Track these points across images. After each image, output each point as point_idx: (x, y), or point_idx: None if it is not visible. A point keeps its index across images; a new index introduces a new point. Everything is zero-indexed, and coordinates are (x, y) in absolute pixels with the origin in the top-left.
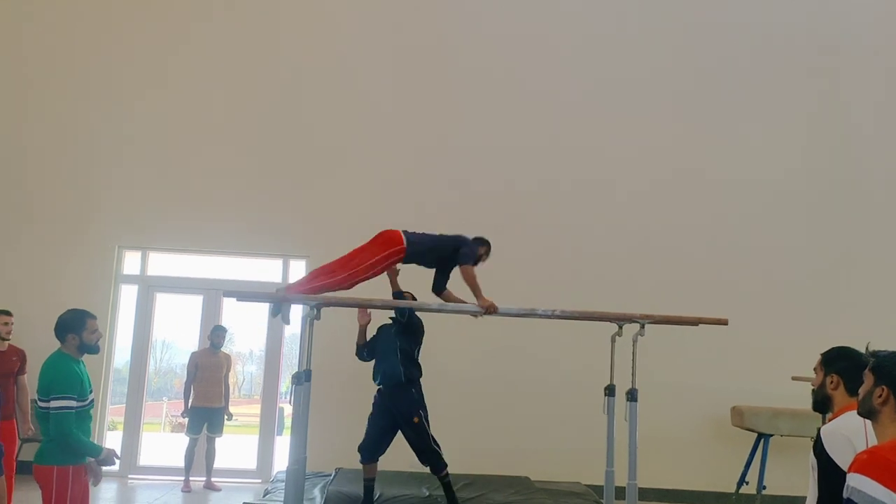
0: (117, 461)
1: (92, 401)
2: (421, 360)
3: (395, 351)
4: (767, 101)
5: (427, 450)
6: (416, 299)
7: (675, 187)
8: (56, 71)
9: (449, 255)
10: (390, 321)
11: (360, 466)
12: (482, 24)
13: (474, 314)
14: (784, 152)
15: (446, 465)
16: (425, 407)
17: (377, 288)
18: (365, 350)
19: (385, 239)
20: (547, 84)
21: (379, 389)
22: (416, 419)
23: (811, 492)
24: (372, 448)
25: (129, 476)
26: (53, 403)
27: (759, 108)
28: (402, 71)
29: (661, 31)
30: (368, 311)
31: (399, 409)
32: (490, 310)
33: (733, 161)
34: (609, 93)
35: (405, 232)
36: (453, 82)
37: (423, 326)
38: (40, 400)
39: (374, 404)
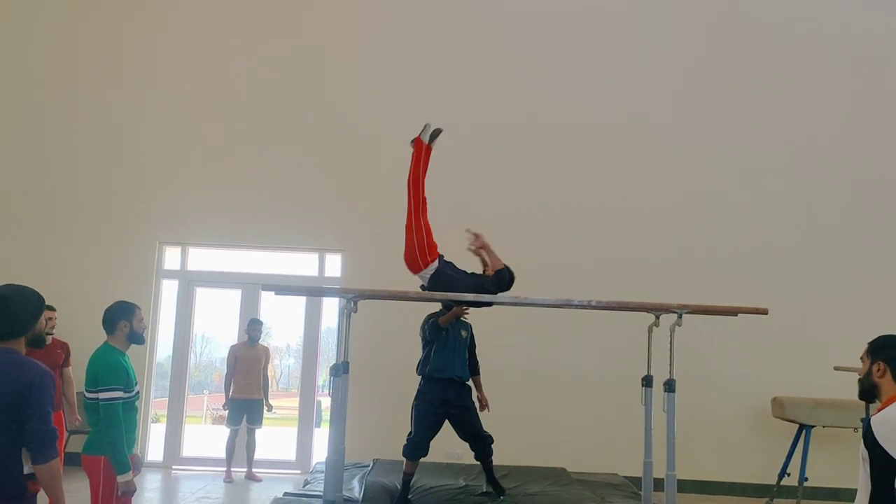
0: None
1: (137, 392)
2: None
3: (465, 352)
4: (811, 81)
5: (480, 433)
6: None
7: (714, 174)
8: (100, 69)
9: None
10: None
11: (398, 458)
12: (512, 5)
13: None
14: (825, 136)
15: (492, 452)
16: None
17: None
18: (441, 332)
19: (424, 246)
20: (579, 59)
21: (430, 380)
22: (469, 406)
23: (862, 485)
24: (424, 447)
25: (173, 467)
26: (102, 395)
27: (804, 88)
28: (438, 61)
29: (700, 6)
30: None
31: (457, 402)
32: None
33: (771, 145)
34: (649, 67)
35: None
36: (489, 70)
37: None
38: (88, 391)
39: (425, 398)
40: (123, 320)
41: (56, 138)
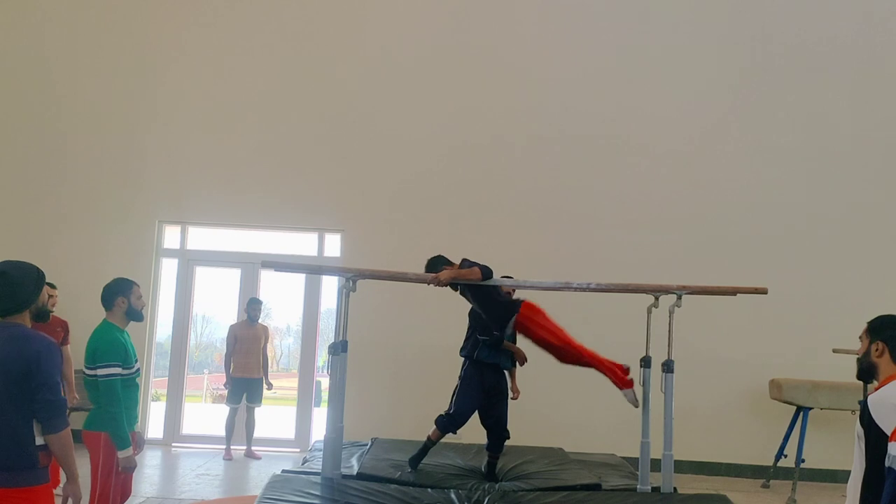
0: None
1: (138, 370)
2: (454, 332)
3: (508, 337)
4: (815, 62)
5: (504, 426)
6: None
7: (716, 158)
8: (97, 46)
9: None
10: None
11: (397, 436)
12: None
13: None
14: (830, 117)
15: (501, 451)
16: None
17: (415, 262)
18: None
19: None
20: (576, 44)
21: (478, 364)
22: (502, 393)
23: (857, 463)
24: (460, 423)
25: (173, 444)
26: (100, 371)
27: (807, 72)
28: (437, 43)
29: None
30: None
31: (499, 386)
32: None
33: (772, 123)
34: (644, 52)
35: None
36: (486, 53)
37: None
38: (87, 368)
39: (471, 378)
40: (121, 296)
41: (55, 118)
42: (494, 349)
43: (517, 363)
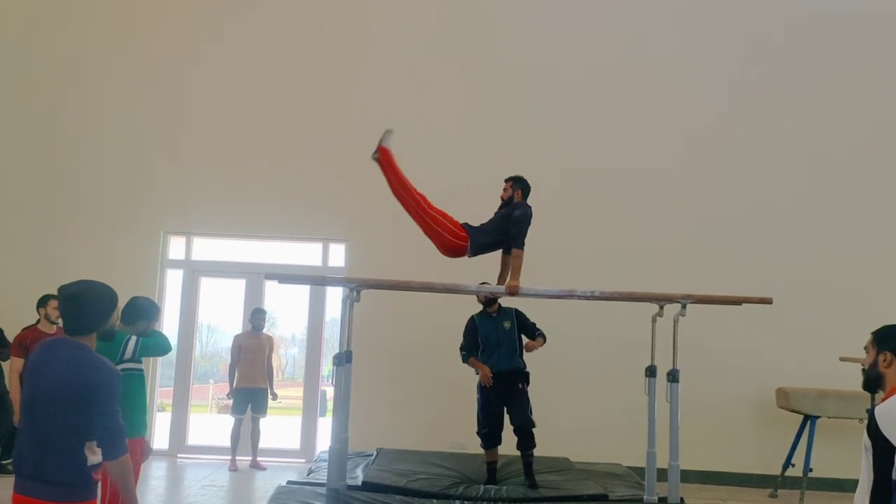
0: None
1: (138, 370)
2: (459, 341)
3: (514, 344)
4: (817, 70)
5: (529, 421)
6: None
7: (719, 165)
8: (106, 56)
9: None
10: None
11: (402, 447)
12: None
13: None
14: (832, 126)
15: (535, 446)
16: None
17: (419, 271)
18: (476, 350)
19: (451, 229)
20: (580, 50)
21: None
22: (521, 385)
23: (864, 474)
24: (494, 435)
25: (178, 455)
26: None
27: (810, 76)
28: (444, 51)
29: None
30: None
31: (512, 388)
32: (512, 292)
33: (777, 135)
34: (653, 56)
35: (466, 225)
36: (493, 62)
37: None
38: None
39: (483, 390)
40: (144, 319)
41: (63, 129)
42: (490, 356)
43: (538, 339)
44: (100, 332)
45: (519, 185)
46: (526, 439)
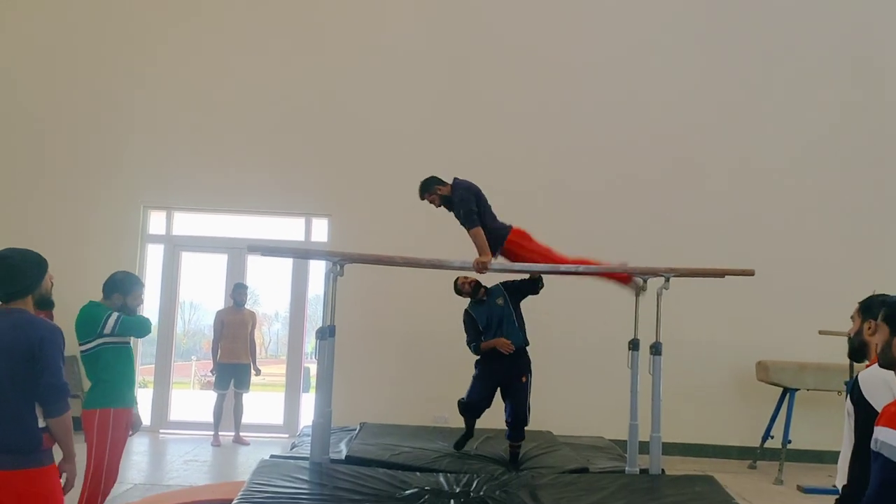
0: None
1: (126, 343)
2: (442, 316)
3: (514, 318)
4: (804, 43)
5: (521, 415)
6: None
7: (704, 141)
8: (83, 29)
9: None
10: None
11: (385, 421)
12: None
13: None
14: (817, 104)
15: (523, 438)
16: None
17: (402, 246)
18: (482, 337)
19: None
20: (570, 33)
21: (485, 356)
22: (524, 378)
23: (846, 439)
24: (474, 408)
25: (161, 430)
26: (82, 348)
27: (796, 51)
28: (426, 27)
29: None
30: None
31: (512, 371)
32: (478, 268)
33: (762, 111)
34: (643, 26)
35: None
36: (476, 39)
37: None
38: (81, 345)
39: (482, 369)
40: (118, 293)
41: (39, 101)
42: (496, 336)
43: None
44: (36, 299)
45: (432, 189)
46: (516, 431)
